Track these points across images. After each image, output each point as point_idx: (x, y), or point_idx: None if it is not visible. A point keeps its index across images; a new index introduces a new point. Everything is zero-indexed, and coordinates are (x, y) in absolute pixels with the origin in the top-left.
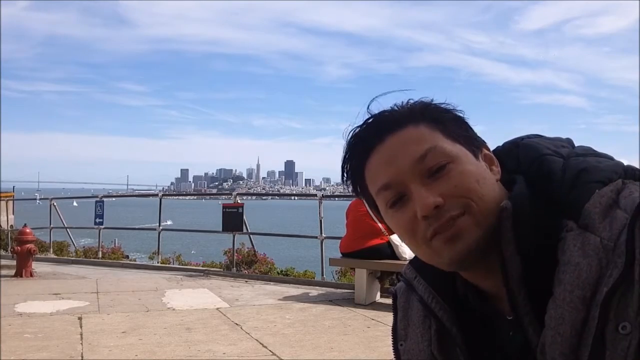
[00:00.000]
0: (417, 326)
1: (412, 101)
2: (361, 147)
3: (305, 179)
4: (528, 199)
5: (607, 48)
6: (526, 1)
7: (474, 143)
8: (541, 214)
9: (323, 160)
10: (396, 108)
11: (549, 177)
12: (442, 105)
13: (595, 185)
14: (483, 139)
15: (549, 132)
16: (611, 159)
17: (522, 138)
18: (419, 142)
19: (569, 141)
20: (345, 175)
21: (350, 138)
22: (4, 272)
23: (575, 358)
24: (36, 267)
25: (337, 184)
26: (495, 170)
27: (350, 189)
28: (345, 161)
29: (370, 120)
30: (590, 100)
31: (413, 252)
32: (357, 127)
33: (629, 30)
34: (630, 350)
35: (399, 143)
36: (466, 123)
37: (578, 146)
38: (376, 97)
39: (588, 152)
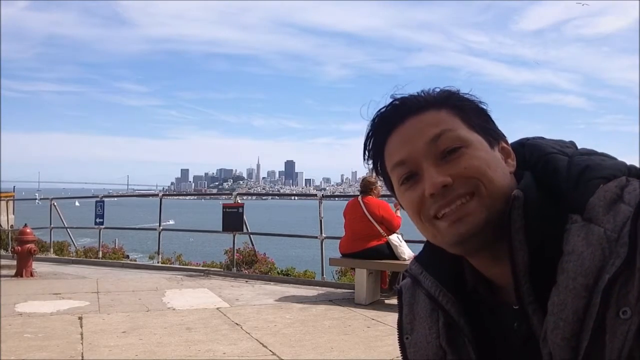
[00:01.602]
0: (424, 320)
1: (438, 89)
2: (383, 126)
3: (305, 179)
4: (536, 191)
5: (606, 48)
6: (525, 1)
7: (492, 134)
8: (547, 207)
9: (323, 160)
10: (422, 94)
11: (554, 174)
12: (466, 95)
13: (600, 181)
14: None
15: (549, 132)
16: (614, 159)
17: (527, 139)
18: (436, 125)
19: (572, 143)
20: (367, 153)
21: (374, 118)
22: (4, 272)
23: (577, 342)
24: (36, 267)
25: (337, 184)
26: (511, 163)
27: (370, 167)
28: (367, 139)
29: (396, 102)
30: (589, 100)
31: (419, 231)
32: (382, 108)
33: (628, 30)
34: (630, 335)
35: (417, 124)
36: (487, 115)
37: (581, 148)
38: (396, 93)
39: (592, 152)
